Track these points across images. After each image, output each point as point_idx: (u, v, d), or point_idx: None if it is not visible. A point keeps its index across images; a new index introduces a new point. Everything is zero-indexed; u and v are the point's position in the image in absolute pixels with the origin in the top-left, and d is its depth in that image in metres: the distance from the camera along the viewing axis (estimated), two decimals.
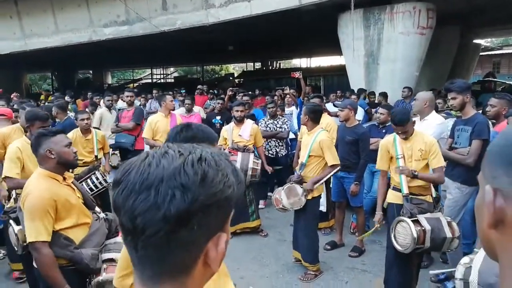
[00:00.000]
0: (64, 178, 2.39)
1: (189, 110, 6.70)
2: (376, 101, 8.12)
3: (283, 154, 6.22)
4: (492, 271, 1.70)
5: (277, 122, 6.19)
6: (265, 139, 6.06)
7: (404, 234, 3.03)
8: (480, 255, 1.81)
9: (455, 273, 2.01)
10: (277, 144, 6.16)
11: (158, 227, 0.56)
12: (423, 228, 2.98)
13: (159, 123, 5.31)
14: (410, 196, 3.27)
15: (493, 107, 3.75)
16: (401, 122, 3.29)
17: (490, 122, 3.74)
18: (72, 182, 2.46)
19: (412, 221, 3.03)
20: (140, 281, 0.63)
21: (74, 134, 4.72)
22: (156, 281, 0.61)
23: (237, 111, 5.18)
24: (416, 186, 3.32)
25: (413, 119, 4.48)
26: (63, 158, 2.35)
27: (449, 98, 3.63)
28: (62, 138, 2.40)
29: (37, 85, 32.04)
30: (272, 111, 6.26)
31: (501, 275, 0.59)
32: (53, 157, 2.31)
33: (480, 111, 4.34)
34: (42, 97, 12.79)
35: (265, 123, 6.22)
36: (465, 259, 2.10)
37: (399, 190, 3.33)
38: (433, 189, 3.37)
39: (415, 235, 2.94)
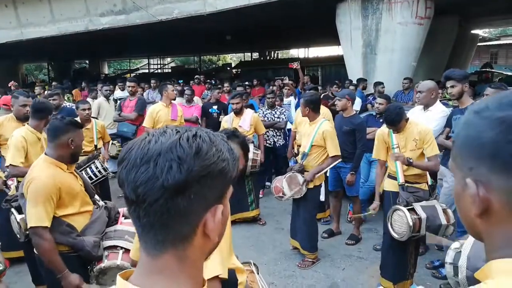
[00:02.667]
0: (67, 167, 2.42)
1: (189, 101, 6.74)
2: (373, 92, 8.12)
3: (281, 144, 6.26)
4: (481, 257, 1.75)
5: (275, 112, 6.22)
6: None
7: (400, 222, 3.09)
8: (469, 240, 1.86)
9: (446, 257, 2.07)
10: (274, 134, 6.20)
11: (158, 195, 0.62)
12: (419, 217, 3.04)
13: (160, 113, 5.36)
14: (406, 184, 3.32)
15: None
16: (393, 123, 3.33)
17: None
18: (74, 170, 2.49)
19: (408, 209, 3.09)
20: (144, 250, 0.68)
21: None
22: (159, 249, 0.66)
23: (233, 103, 5.22)
24: (411, 174, 3.37)
25: (414, 108, 4.53)
26: (76, 151, 2.42)
27: (448, 86, 3.66)
28: (82, 133, 2.52)
29: (33, 75, 31.80)
30: (272, 101, 6.28)
31: (488, 256, 0.63)
32: (72, 147, 2.37)
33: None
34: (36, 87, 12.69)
35: (263, 113, 6.24)
36: (455, 244, 2.15)
37: (395, 178, 3.38)
38: (428, 177, 3.41)
39: (411, 224, 3.00)
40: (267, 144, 6.15)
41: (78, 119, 4.80)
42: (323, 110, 5.41)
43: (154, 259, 0.67)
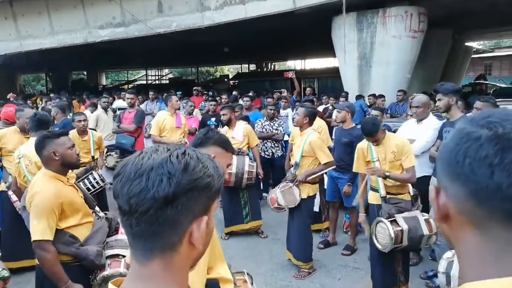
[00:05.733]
0: (67, 179, 2.47)
1: (190, 113, 6.95)
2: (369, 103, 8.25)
3: (279, 155, 6.33)
4: None
5: (273, 124, 6.30)
6: (261, 140, 6.17)
7: (383, 234, 3.17)
8: None
9: (438, 266, 2.13)
10: (273, 145, 6.28)
11: (149, 206, 0.69)
12: (401, 229, 3.11)
13: (166, 121, 5.75)
14: (387, 196, 3.41)
15: (478, 110, 3.88)
16: (370, 134, 3.43)
17: None
18: (74, 183, 2.54)
19: (390, 221, 3.16)
20: (134, 257, 0.75)
21: (71, 135, 4.77)
22: (148, 256, 0.73)
23: (222, 115, 5.35)
24: (393, 185, 3.46)
25: (409, 120, 4.63)
26: (66, 160, 2.42)
27: (437, 99, 3.78)
28: (66, 140, 2.47)
29: (31, 85, 31.86)
30: (273, 113, 6.37)
31: (459, 263, 0.67)
32: (56, 158, 2.38)
33: (470, 113, 4.47)
34: (39, 100, 12.76)
35: (262, 124, 6.32)
36: (448, 254, 2.22)
37: (377, 191, 3.47)
38: (410, 188, 3.49)
39: (393, 236, 3.08)
40: (266, 155, 6.22)
41: (75, 131, 4.87)
42: (320, 122, 5.53)
43: (143, 266, 0.73)
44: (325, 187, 4.90)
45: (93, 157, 4.97)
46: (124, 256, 2.36)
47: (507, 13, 10.84)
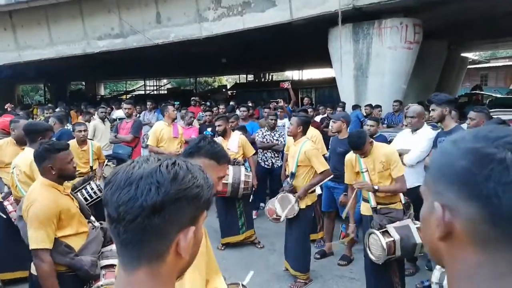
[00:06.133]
0: (64, 188, 2.49)
1: (190, 123, 7.01)
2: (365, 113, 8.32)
3: (279, 165, 6.33)
4: None
5: (274, 134, 6.32)
6: (261, 150, 6.20)
7: (376, 246, 3.17)
8: None
9: (432, 277, 2.14)
10: (273, 156, 6.29)
11: (136, 214, 0.70)
12: (393, 239, 3.12)
13: (163, 131, 5.76)
14: (379, 206, 3.42)
15: (472, 120, 3.93)
16: (357, 147, 3.46)
17: None
18: (70, 192, 2.56)
19: (382, 232, 3.17)
20: (121, 265, 0.76)
21: (70, 145, 4.80)
22: (135, 265, 0.73)
23: (216, 125, 5.37)
24: (384, 195, 3.47)
25: (403, 130, 4.67)
26: (63, 173, 2.46)
27: (430, 109, 3.82)
28: (65, 154, 2.49)
29: (29, 96, 31.92)
30: (273, 123, 6.40)
31: (449, 281, 0.66)
32: (53, 173, 2.42)
33: (465, 123, 4.51)
34: (35, 110, 12.79)
35: (263, 134, 6.34)
36: None
37: (368, 201, 3.49)
38: (402, 196, 3.50)
39: (385, 247, 3.08)
40: (266, 166, 6.24)
41: (74, 140, 4.89)
42: (314, 131, 5.57)
43: (130, 275, 0.74)
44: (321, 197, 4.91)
45: (91, 167, 4.98)
46: None
47: (502, 24, 11.00)
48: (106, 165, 6.41)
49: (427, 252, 0.72)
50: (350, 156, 3.70)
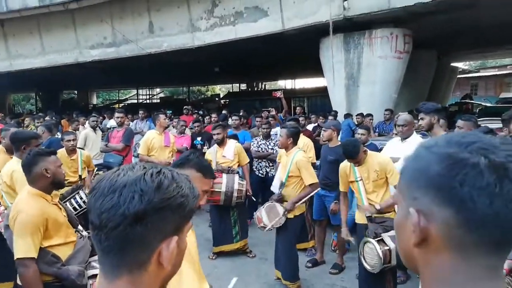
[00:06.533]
0: (51, 197, 2.46)
1: (182, 132, 6.99)
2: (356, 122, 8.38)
3: (273, 174, 6.30)
4: None
5: (269, 143, 6.31)
6: (256, 159, 6.18)
7: (371, 254, 3.17)
8: None
9: (420, 284, 2.13)
10: (267, 165, 6.25)
11: (118, 222, 0.69)
12: (388, 248, 3.12)
13: (154, 140, 5.71)
14: (373, 215, 3.44)
15: (460, 128, 3.97)
16: (351, 156, 3.50)
17: None
18: (57, 201, 2.54)
19: (377, 241, 3.17)
20: (102, 273, 0.75)
21: (59, 154, 4.76)
22: (116, 273, 0.72)
23: (215, 134, 5.32)
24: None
25: (393, 139, 4.71)
26: (57, 178, 2.44)
27: (419, 118, 3.87)
28: (56, 159, 2.50)
29: (21, 105, 31.72)
30: (267, 131, 6.41)
31: (424, 287, 0.66)
32: (48, 176, 2.38)
33: (452, 132, 4.57)
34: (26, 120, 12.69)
35: (258, 143, 6.34)
36: None
37: None
38: (396, 206, 3.52)
39: (381, 255, 3.08)
40: (260, 174, 6.22)
41: (63, 149, 4.86)
42: (305, 140, 5.60)
43: (111, 283, 0.73)
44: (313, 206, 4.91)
45: (80, 176, 4.94)
46: None
47: (489, 35, 11.21)
48: (97, 174, 6.36)
49: (402, 259, 0.71)
50: (345, 164, 3.73)
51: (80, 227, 2.64)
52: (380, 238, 3.22)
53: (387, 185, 3.51)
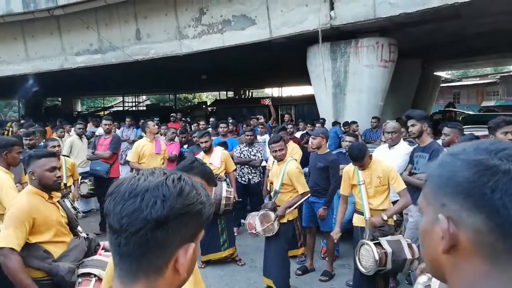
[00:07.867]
0: (51, 197, 2.51)
1: (171, 139, 6.96)
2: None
3: (256, 181, 6.31)
4: None
5: (252, 150, 6.31)
6: (239, 166, 6.16)
7: (368, 257, 3.19)
8: None
9: None
10: (249, 172, 6.25)
11: (140, 226, 0.69)
12: (385, 251, 3.15)
13: (145, 148, 5.63)
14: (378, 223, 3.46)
15: (446, 135, 4.05)
16: (357, 159, 3.55)
17: (445, 149, 4.02)
18: (58, 201, 2.56)
19: (374, 243, 3.20)
20: (118, 277, 0.74)
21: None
22: (132, 278, 0.72)
23: (202, 142, 5.30)
24: (378, 210, 3.52)
25: (380, 146, 4.77)
26: (43, 181, 2.46)
27: (409, 125, 3.92)
28: (46, 162, 2.49)
29: (3, 112, 31.09)
30: (251, 139, 6.40)
31: None
32: (33, 178, 2.45)
33: (440, 139, 4.64)
34: (9, 124, 12.45)
35: (240, 149, 6.33)
36: (423, 278, 2.23)
37: (362, 213, 3.52)
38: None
39: (377, 258, 3.11)
40: (242, 181, 6.20)
41: None
42: (293, 145, 5.67)
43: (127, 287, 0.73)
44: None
45: (65, 184, 4.86)
46: (95, 275, 2.34)
47: (471, 44, 11.50)
48: (83, 182, 6.26)
49: (427, 267, 0.71)
50: (348, 168, 3.77)
51: (79, 228, 2.68)
52: (377, 241, 3.25)
53: (388, 191, 3.55)
